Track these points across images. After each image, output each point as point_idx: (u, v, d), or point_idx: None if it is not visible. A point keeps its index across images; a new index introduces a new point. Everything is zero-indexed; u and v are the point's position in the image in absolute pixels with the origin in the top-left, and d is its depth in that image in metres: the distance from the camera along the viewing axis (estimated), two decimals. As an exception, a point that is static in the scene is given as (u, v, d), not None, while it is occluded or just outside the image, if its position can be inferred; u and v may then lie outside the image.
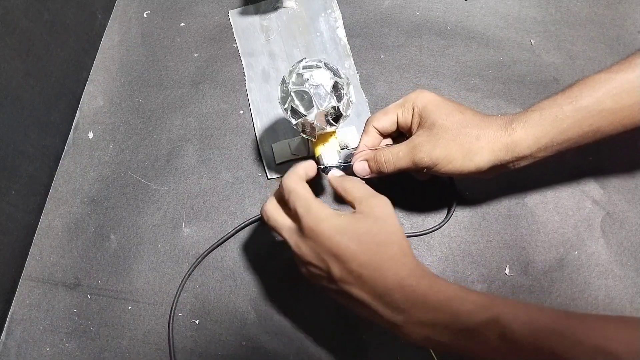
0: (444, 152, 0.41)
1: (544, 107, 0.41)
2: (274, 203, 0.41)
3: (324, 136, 0.47)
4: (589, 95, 0.40)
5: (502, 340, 0.32)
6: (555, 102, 0.41)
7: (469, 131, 0.41)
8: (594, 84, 0.40)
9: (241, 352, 0.48)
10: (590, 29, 0.58)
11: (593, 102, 0.39)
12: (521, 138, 0.40)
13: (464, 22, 0.60)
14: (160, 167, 0.56)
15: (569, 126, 0.40)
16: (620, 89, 0.39)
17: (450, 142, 0.41)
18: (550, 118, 0.40)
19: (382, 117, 0.45)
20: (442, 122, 0.41)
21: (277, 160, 0.54)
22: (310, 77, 0.42)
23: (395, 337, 0.45)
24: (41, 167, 0.55)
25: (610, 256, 0.48)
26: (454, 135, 0.41)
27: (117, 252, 0.53)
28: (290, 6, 0.63)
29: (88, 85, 0.61)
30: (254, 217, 0.52)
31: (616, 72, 0.40)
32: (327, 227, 0.36)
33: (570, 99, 0.40)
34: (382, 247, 0.36)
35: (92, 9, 0.62)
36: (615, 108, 0.39)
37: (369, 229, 0.36)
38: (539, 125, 0.40)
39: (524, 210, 0.50)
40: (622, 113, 0.39)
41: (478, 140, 0.40)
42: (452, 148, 0.41)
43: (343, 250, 0.35)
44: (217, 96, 0.59)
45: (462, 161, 0.41)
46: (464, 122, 0.41)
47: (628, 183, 0.50)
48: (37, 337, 0.50)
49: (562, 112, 0.40)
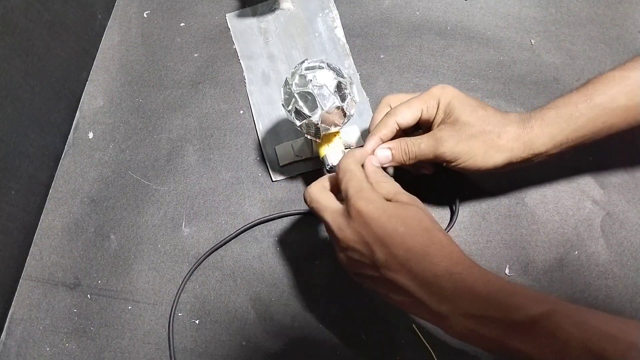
0: (466, 147, 0.41)
1: (559, 105, 0.41)
2: (320, 185, 0.41)
3: (328, 136, 0.47)
4: (604, 92, 0.40)
5: (551, 338, 0.31)
6: (570, 100, 0.41)
7: (491, 129, 0.41)
8: (607, 82, 0.41)
9: (241, 352, 0.48)
10: (590, 29, 0.58)
11: (607, 100, 0.40)
12: (537, 136, 0.41)
13: (464, 22, 0.60)
14: (160, 167, 0.56)
15: (583, 123, 0.40)
16: (634, 86, 0.40)
17: (473, 139, 0.41)
18: (565, 116, 0.41)
19: (406, 112, 0.44)
20: (466, 119, 0.42)
21: (281, 163, 0.54)
22: (313, 78, 0.42)
23: (395, 337, 0.45)
24: (41, 167, 0.55)
25: (610, 256, 0.48)
26: (477, 132, 0.41)
27: (117, 252, 0.53)
28: (287, 7, 0.62)
29: (88, 85, 0.61)
30: (257, 219, 0.52)
31: (630, 70, 0.40)
32: (375, 209, 0.35)
33: (585, 97, 0.41)
34: (429, 233, 0.35)
35: (92, 9, 0.62)
36: (629, 105, 0.40)
37: (414, 214, 0.36)
38: (555, 123, 0.41)
39: (524, 210, 0.50)
40: (635, 110, 0.40)
41: (499, 138, 0.41)
42: (475, 144, 0.41)
43: (390, 234, 0.34)
44: (217, 96, 0.59)
45: (483, 157, 0.41)
46: (486, 120, 0.42)
47: (628, 183, 0.50)
48: (37, 337, 0.50)
49: (577, 111, 0.40)
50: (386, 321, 0.47)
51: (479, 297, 0.33)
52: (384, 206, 0.36)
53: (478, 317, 0.33)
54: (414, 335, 0.46)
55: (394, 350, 0.46)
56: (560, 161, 0.51)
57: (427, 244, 0.34)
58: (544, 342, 0.31)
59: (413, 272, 0.34)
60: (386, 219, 0.35)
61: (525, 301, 0.32)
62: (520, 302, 0.32)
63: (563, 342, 0.30)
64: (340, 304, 0.48)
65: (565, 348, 0.30)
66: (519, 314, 0.32)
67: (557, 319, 0.31)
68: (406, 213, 0.36)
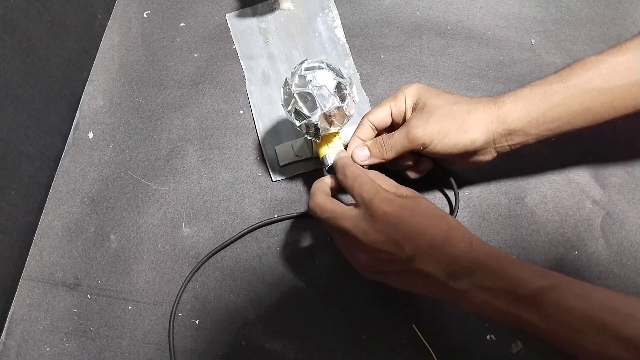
0: (437, 125, 0.42)
1: (534, 84, 0.42)
2: (323, 195, 0.42)
3: (327, 137, 0.47)
4: (579, 75, 0.41)
5: (555, 308, 0.33)
6: (545, 80, 0.42)
7: (460, 106, 0.42)
8: (584, 65, 0.41)
9: (241, 352, 0.48)
10: (590, 29, 0.58)
11: (582, 81, 0.40)
12: (511, 110, 0.41)
13: (464, 22, 0.60)
14: (160, 167, 0.56)
15: (558, 102, 0.41)
16: (610, 69, 0.40)
17: (443, 117, 0.42)
18: (539, 93, 0.41)
19: (376, 111, 0.46)
20: (433, 102, 0.43)
21: (281, 163, 0.54)
22: (313, 79, 0.42)
23: (395, 337, 0.45)
24: (41, 167, 0.55)
25: (610, 256, 0.48)
26: (446, 110, 0.42)
27: (117, 252, 0.53)
28: (287, 7, 0.62)
29: (88, 85, 0.62)
30: (261, 221, 0.52)
31: (607, 55, 0.41)
32: (398, 208, 0.37)
33: (561, 78, 0.41)
34: (444, 219, 0.38)
35: (92, 9, 0.62)
36: (604, 87, 0.40)
37: (427, 205, 0.38)
38: (529, 98, 0.41)
39: (524, 210, 0.50)
40: (611, 93, 0.40)
41: (469, 113, 0.42)
42: (445, 122, 0.42)
43: (415, 228, 0.36)
44: (217, 96, 0.59)
45: (457, 134, 0.42)
46: (454, 100, 0.43)
47: (628, 183, 0.50)
48: (37, 337, 0.50)
49: (552, 89, 0.41)
50: (386, 321, 0.47)
51: (491, 271, 0.35)
52: (403, 203, 0.38)
53: (491, 290, 0.35)
54: (414, 335, 0.46)
55: (394, 350, 0.46)
56: (560, 161, 0.52)
57: (446, 229, 0.37)
58: (548, 312, 0.33)
59: (438, 258, 0.36)
60: (410, 215, 0.37)
61: (532, 275, 0.34)
62: (527, 276, 0.34)
63: (566, 312, 0.33)
64: (340, 304, 0.48)
65: (568, 318, 0.32)
66: (525, 286, 0.34)
67: (560, 292, 0.33)
68: (421, 205, 0.38)
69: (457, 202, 0.49)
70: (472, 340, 0.46)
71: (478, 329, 0.46)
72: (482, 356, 0.45)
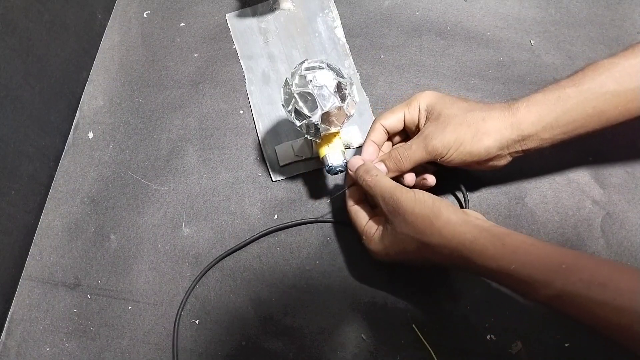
0: (453, 135, 0.42)
1: (547, 89, 0.43)
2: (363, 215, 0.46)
3: (328, 137, 0.47)
4: (592, 78, 0.41)
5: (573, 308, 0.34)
6: (558, 85, 0.42)
7: (474, 114, 0.42)
8: (597, 69, 0.41)
9: (241, 352, 0.48)
10: (589, 30, 0.58)
11: (596, 85, 0.40)
12: (525, 116, 0.41)
13: (464, 22, 0.60)
14: (160, 167, 0.56)
15: (572, 106, 0.41)
16: (624, 72, 0.40)
17: (458, 126, 0.42)
18: (553, 98, 0.41)
19: (390, 116, 0.47)
20: (448, 111, 0.43)
21: (281, 163, 0.54)
22: (313, 79, 0.42)
23: (395, 337, 0.46)
24: (41, 167, 0.55)
25: (610, 256, 0.48)
26: (461, 119, 0.42)
27: (117, 252, 0.53)
28: (287, 7, 0.63)
29: (88, 85, 0.61)
30: (274, 226, 0.51)
31: (620, 58, 0.41)
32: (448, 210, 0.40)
33: (574, 82, 0.41)
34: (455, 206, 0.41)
35: (92, 9, 0.62)
36: (618, 90, 0.40)
37: (435, 198, 0.41)
38: (542, 103, 0.42)
39: (524, 210, 0.50)
40: (625, 96, 0.40)
41: (484, 121, 0.42)
42: (461, 130, 0.42)
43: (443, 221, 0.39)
44: (217, 96, 0.59)
45: (472, 142, 0.42)
46: (468, 107, 0.43)
47: (628, 183, 0.51)
48: (37, 337, 0.50)
49: (565, 93, 0.41)
50: (386, 321, 0.47)
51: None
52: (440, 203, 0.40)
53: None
54: (414, 335, 0.46)
55: (394, 350, 0.46)
56: (560, 161, 0.52)
57: (461, 213, 0.40)
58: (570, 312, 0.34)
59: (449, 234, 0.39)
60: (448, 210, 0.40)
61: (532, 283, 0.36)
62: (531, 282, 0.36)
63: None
64: (340, 304, 0.48)
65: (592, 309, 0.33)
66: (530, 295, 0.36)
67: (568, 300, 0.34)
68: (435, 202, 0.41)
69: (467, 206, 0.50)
70: (472, 340, 0.46)
71: (478, 329, 0.46)
72: (482, 356, 0.45)
